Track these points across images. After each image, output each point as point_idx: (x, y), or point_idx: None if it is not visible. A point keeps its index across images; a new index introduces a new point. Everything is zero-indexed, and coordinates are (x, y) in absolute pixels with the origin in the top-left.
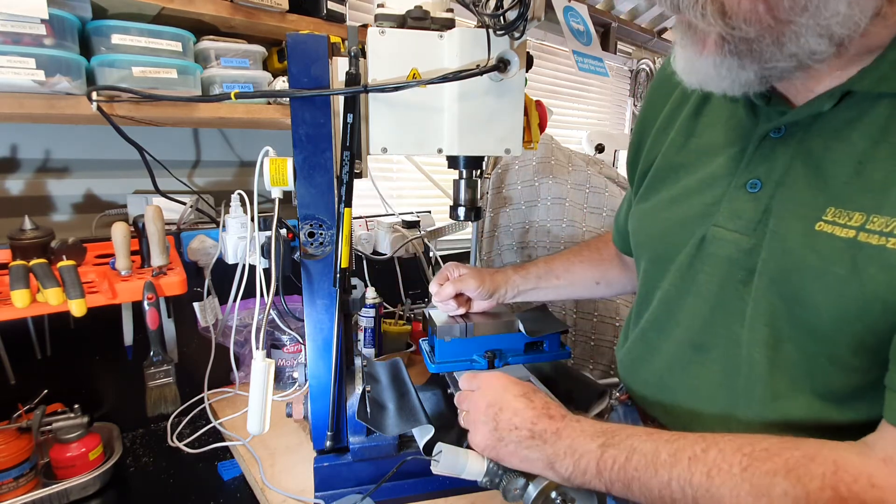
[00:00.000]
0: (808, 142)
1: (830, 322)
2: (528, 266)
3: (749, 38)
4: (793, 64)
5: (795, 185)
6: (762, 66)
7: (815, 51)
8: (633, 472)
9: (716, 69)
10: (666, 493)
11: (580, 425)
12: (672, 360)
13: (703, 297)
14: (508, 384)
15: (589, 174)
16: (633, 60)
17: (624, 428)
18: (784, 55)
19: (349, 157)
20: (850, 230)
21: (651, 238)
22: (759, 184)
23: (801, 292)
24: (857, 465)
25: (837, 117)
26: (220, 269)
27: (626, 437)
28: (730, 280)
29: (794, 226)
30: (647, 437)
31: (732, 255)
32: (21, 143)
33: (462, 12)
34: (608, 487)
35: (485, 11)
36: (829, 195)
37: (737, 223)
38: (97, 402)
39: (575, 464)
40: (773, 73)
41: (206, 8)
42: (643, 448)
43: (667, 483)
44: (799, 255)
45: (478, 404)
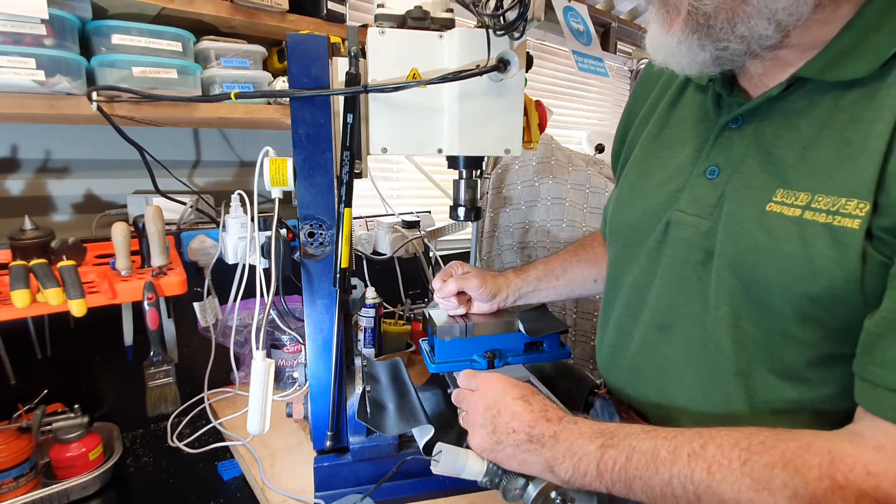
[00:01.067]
0: (761, 130)
1: (780, 297)
2: (528, 269)
3: (707, 12)
4: (742, 47)
5: (749, 170)
6: (716, 45)
7: (763, 35)
8: (633, 471)
9: (678, 46)
10: (668, 491)
11: (578, 427)
12: (641, 344)
13: (667, 279)
14: (507, 386)
15: (589, 174)
16: (633, 60)
17: (622, 427)
18: (735, 36)
19: (349, 157)
20: (796, 209)
21: (624, 226)
22: (717, 170)
23: (754, 270)
24: (852, 453)
25: (788, 108)
26: (220, 269)
27: (624, 437)
28: (689, 262)
29: (747, 208)
30: (644, 436)
31: (691, 238)
32: (21, 143)
33: (462, 12)
34: (609, 488)
35: (485, 11)
36: (778, 178)
37: (696, 207)
38: (97, 402)
39: (574, 466)
40: (725, 56)
41: (206, 8)
42: (642, 447)
43: (668, 481)
44: (752, 236)
45: (476, 406)
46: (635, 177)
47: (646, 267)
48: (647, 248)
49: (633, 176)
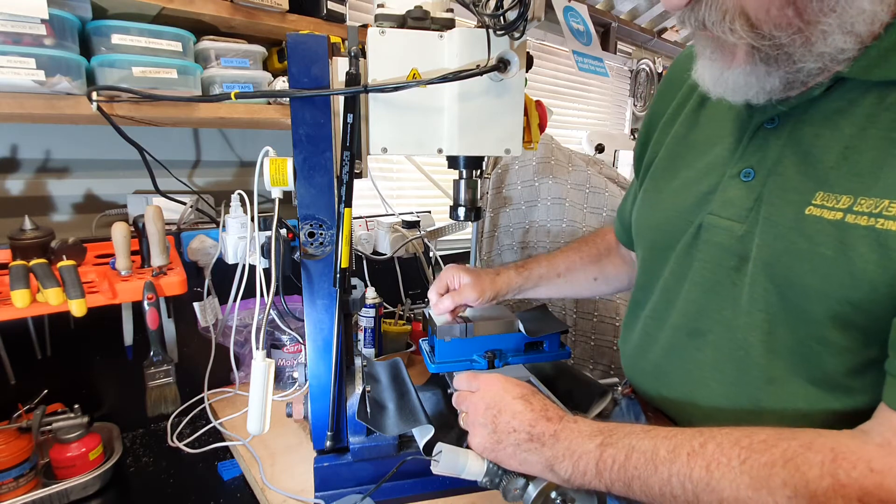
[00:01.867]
0: (799, 131)
1: (819, 302)
2: (531, 264)
3: (780, 43)
4: (819, 64)
5: (786, 172)
6: (790, 68)
7: (843, 49)
8: (632, 470)
9: (745, 79)
10: (667, 490)
11: (578, 426)
12: (668, 347)
13: (698, 283)
14: (507, 386)
15: (589, 174)
16: (633, 60)
17: (621, 426)
18: (813, 55)
19: (349, 157)
20: (837, 212)
21: (651, 228)
22: (752, 173)
23: (791, 275)
24: (855, 450)
25: (827, 107)
26: (220, 269)
27: (623, 436)
28: (722, 266)
29: (785, 211)
30: (644, 435)
31: (725, 242)
32: (21, 143)
33: (462, 12)
34: (609, 487)
35: (485, 11)
36: (818, 180)
37: (730, 211)
38: (97, 402)
39: (574, 465)
40: (798, 77)
41: (206, 8)
42: (641, 446)
43: (667, 480)
44: (790, 240)
45: (477, 406)
46: (662, 178)
47: (675, 270)
48: (676, 251)
49: (659, 177)
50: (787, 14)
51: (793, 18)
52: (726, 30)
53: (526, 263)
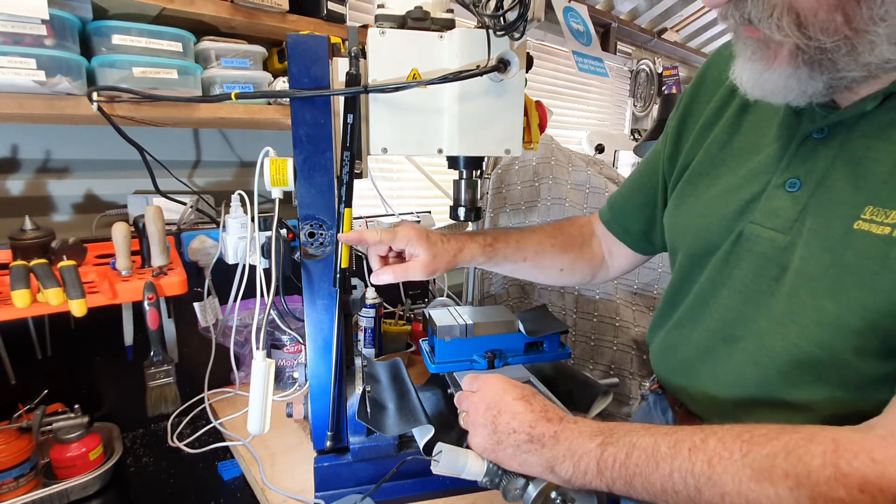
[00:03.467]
0: (850, 143)
1: (861, 315)
2: (499, 242)
3: (824, 47)
4: (864, 73)
5: (836, 185)
6: (833, 75)
7: (889, 59)
8: (633, 468)
9: (786, 81)
10: (668, 486)
11: (578, 427)
12: (700, 349)
13: (737, 291)
14: (508, 386)
15: (589, 174)
16: (633, 61)
17: (621, 425)
18: (858, 65)
19: (349, 158)
20: (886, 227)
21: (689, 234)
22: (798, 183)
23: (837, 288)
24: (857, 441)
25: (881, 118)
26: (220, 269)
27: (624, 434)
28: (763, 276)
29: (833, 225)
30: (645, 433)
31: (767, 252)
32: (21, 143)
33: (462, 13)
34: (610, 486)
35: (485, 12)
36: (868, 194)
37: (774, 221)
38: (97, 402)
39: (575, 465)
40: (841, 84)
41: (207, 8)
42: (642, 443)
43: (668, 475)
44: (838, 253)
45: (477, 406)
46: (701, 183)
47: (712, 276)
48: (715, 257)
49: (698, 182)
50: (836, 20)
51: (841, 25)
52: (773, 26)
53: (495, 239)
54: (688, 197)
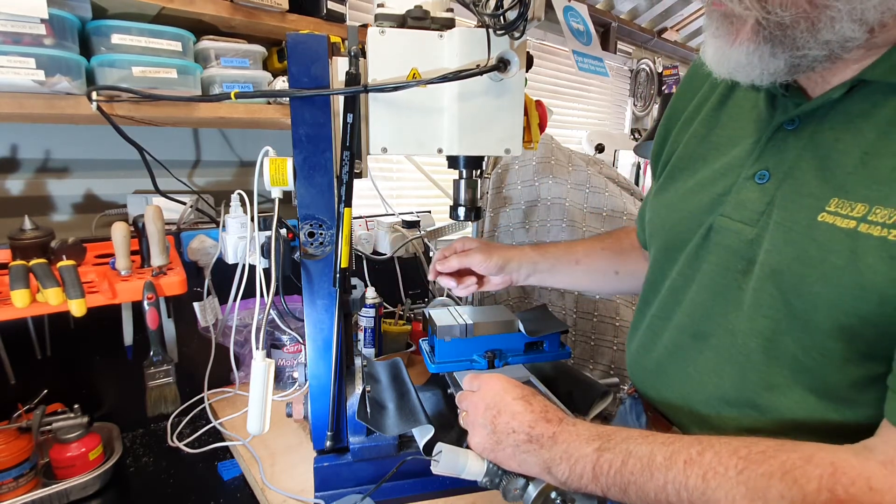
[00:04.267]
0: (819, 134)
1: (826, 313)
2: (548, 245)
3: (784, 23)
4: (825, 52)
5: (803, 176)
6: (794, 53)
7: (849, 37)
8: (629, 476)
9: (747, 58)
10: (662, 497)
11: (576, 429)
12: (671, 348)
13: (706, 285)
14: (508, 386)
15: (589, 174)
16: (633, 60)
17: (620, 431)
18: (818, 42)
19: (349, 157)
20: (851, 221)
21: (664, 228)
22: (767, 175)
23: (800, 283)
24: (856, 467)
25: (849, 108)
26: (220, 269)
27: (621, 441)
28: (730, 269)
29: (797, 217)
30: (642, 441)
31: (734, 245)
32: (21, 143)
33: (462, 12)
34: (604, 491)
35: (485, 11)
36: (834, 186)
37: (742, 213)
38: (97, 402)
39: (571, 468)
40: (802, 63)
41: (206, 8)
42: (639, 451)
43: (662, 487)
44: (800, 246)
45: (477, 406)
46: (679, 178)
47: (683, 271)
48: (686, 251)
49: (676, 177)
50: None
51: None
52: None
53: (544, 244)
54: (666, 192)
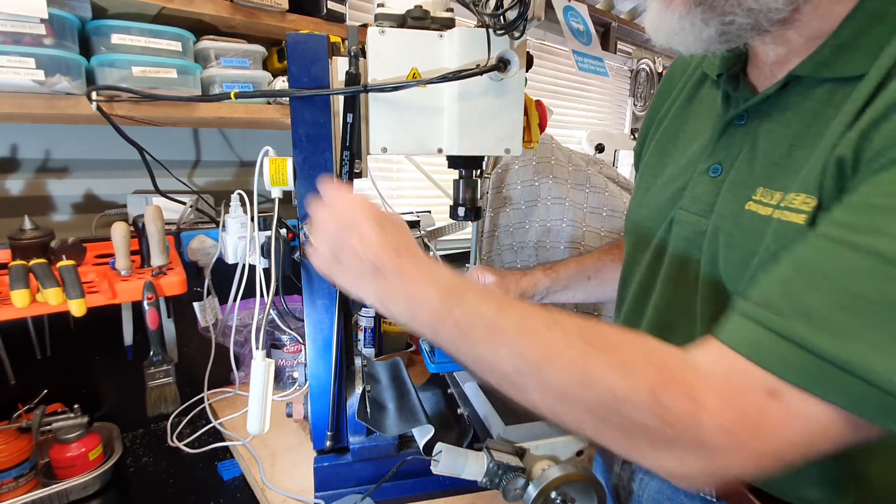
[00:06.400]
0: (760, 127)
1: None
2: (558, 267)
3: None
4: (749, 20)
5: (741, 168)
6: (722, 19)
7: (772, 7)
8: (467, 333)
9: (680, 23)
10: (489, 359)
11: (429, 271)
12: None
13: (670, 278)
14: (366, 205)
15: (589, 174)
16: (633, 60)
17: (474, 288)
18: (743, 9)
19: (349, 157)
20: (769, 208)
21: (634, 224)
22: (720, 168)
23: (728, 269)
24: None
25: (785, 103)
26: (220, 269)
27: (472, 300)
28: (690, 260)
29: (731, 206)
30: (495, 306)
31: (691, 237)
32: (21, 143)
33: (462, 12)
34: (433, 337)
35: (485, 11)
36: (762, 176)
37: (697, 206)
38: (97, 402)
39: (409, 308)
40: (731, 30)
41: (206, 8)
42: (487, 314)
43: (495, 351)
44: (729, 233)
45: (326, 221)
46: (650, 175)
47: (650, 265)
48: (652, 246)
49: (648, 174)
50: None
51: None
52: None
53: (553, 266)
54: (639, 189)
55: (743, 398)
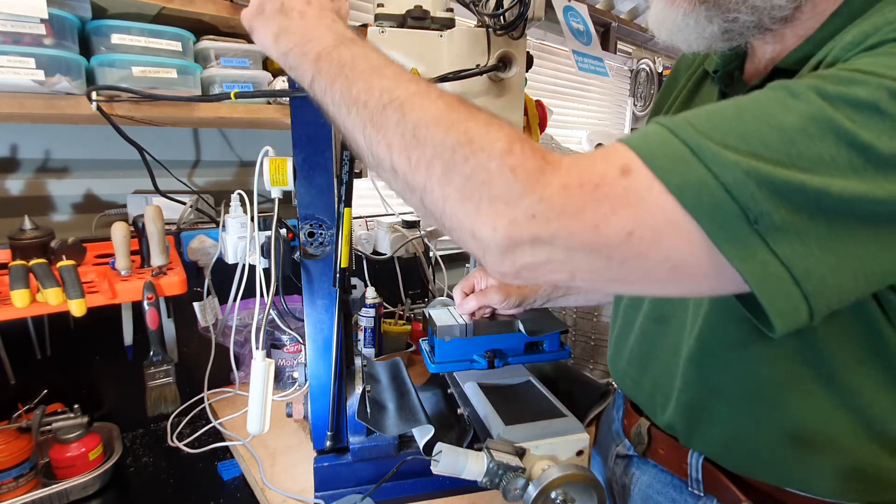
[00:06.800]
0: None
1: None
2: None
3: None
4: (753, 18)
5: None
6: (726, 17)
7: (776, 5)
8: (348, 72)
9: (684, 19)
10: (362, 97)
11: (333, 21)
12: (639, 335)
13: None
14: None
15: None
16: (633, 60)
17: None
18: (747, 6)
19: (349, 157)
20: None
21: None
22: None
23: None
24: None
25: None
26: (220, 269)
27: (364, 46)
28: None
29: None
30: (384, 58)
31: None
32: (21, 143)
33: (462, 12)
34: (313, 75)
35: (485, 11)
36: None
37: None
38: (97, 402)
39: (299, 45)
40: (734, 28)
41: (206, 8)
42: (374, 59)
43: (369, 89)
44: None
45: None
46: None
47: None
48: None
49: None
50: None
51: None
52: None
53: None
54: None
55: (594, 167)
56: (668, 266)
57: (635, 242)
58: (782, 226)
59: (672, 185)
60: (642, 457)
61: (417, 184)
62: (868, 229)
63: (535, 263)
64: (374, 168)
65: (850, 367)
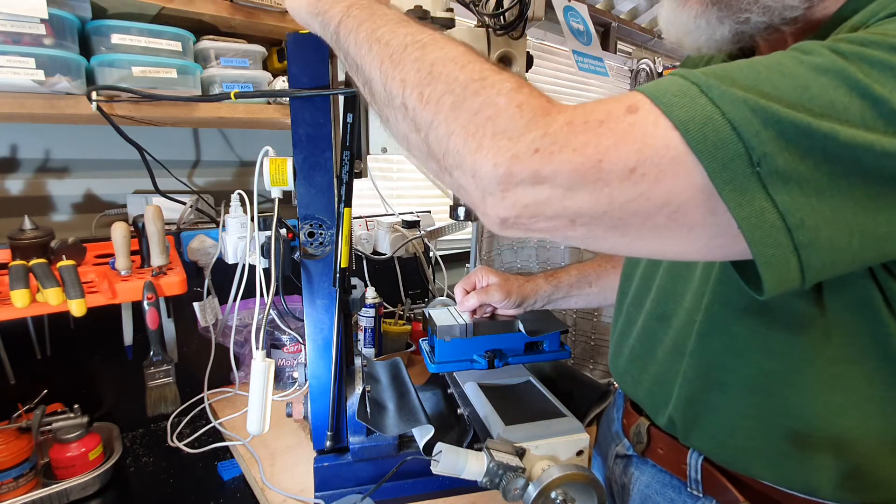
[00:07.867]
0: None
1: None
2: (560, 274)
3: None
4: (765, 19)
5: None
6: (738, 17)
7: (788, 5)
8: (378, 17)
9: (695, 21)
10: (386, 37)
11: None
12: (641, 332)
13: (668, 268)
14: None
15: None
16: (633, 60)
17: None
18: (760, 6)
19: (349, 157)
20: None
21: None
22: None
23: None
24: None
25: None
26: (220, 269)
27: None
28: None
29: None
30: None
31: None
32: (21, 143)
33: (462, 12)
34: (342, 19)
35: (485, 11)
36: None
37: None
38: (97, 402)
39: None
40: (745, 29)
41: (206, 8)
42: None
43: (395, 31)
44: None
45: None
46: None
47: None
48: None
49: None
50: None
51: None
52: None
53: (555, 272)
54: None
55: (601, 106)
56: (668, 211)
57: (637, 180)
58: (784, 171)
59: (677, 121)
60: (641, 457)
61: (425, 120)
62: (869, 186)
63: (535, 203)
64: (383, 106)
65: (851, 361)
